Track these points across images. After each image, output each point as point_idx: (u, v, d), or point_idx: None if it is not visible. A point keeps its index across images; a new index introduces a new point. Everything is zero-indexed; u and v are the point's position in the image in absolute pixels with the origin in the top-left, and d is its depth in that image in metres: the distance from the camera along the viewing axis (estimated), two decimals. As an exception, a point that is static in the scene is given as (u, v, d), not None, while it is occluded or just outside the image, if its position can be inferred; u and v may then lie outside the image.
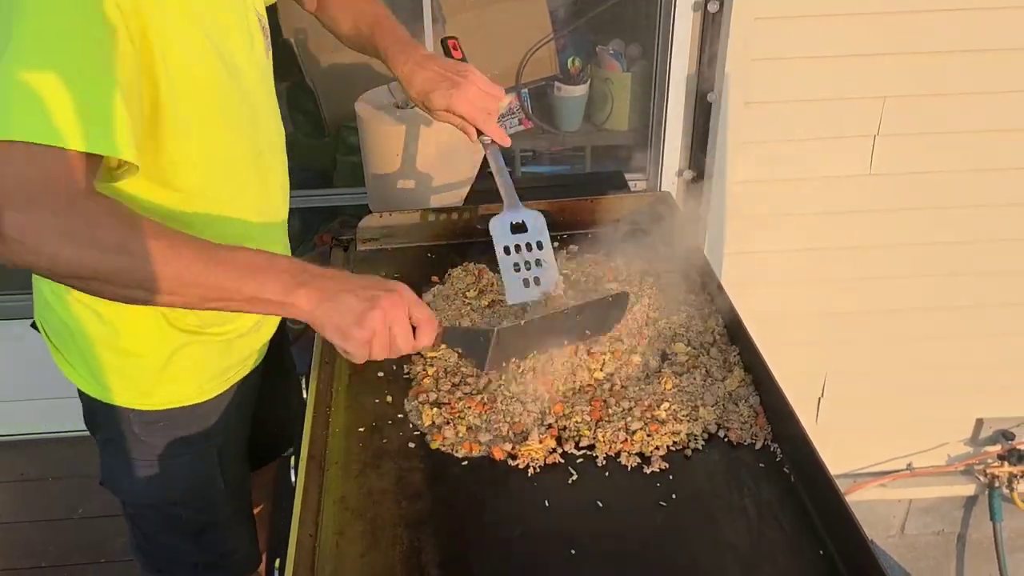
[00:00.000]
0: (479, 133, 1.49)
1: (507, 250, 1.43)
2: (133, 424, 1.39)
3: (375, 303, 1.08)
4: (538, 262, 1.44)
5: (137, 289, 1.01)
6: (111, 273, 0.99)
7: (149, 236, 0.99)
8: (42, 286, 1.36)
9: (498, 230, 1.45)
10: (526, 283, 1.42)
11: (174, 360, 1.33)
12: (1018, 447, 2.85)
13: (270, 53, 1.39)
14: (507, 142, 1.51)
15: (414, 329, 1.13)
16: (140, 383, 1.35)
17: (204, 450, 1.44)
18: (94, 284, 1.00)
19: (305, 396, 1.43)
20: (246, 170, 1.29)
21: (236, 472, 1.53)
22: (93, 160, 0.98)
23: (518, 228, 1.46)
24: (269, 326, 1.49)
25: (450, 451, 1.29)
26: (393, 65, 1.49)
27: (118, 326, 1.29)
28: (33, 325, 1.46)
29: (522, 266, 1.43)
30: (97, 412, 1.42)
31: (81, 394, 1.43)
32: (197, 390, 1.39)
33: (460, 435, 1.30)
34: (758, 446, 1.28)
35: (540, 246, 1.45)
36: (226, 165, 1.24)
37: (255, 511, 1.70)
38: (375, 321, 1.07)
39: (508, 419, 1.30)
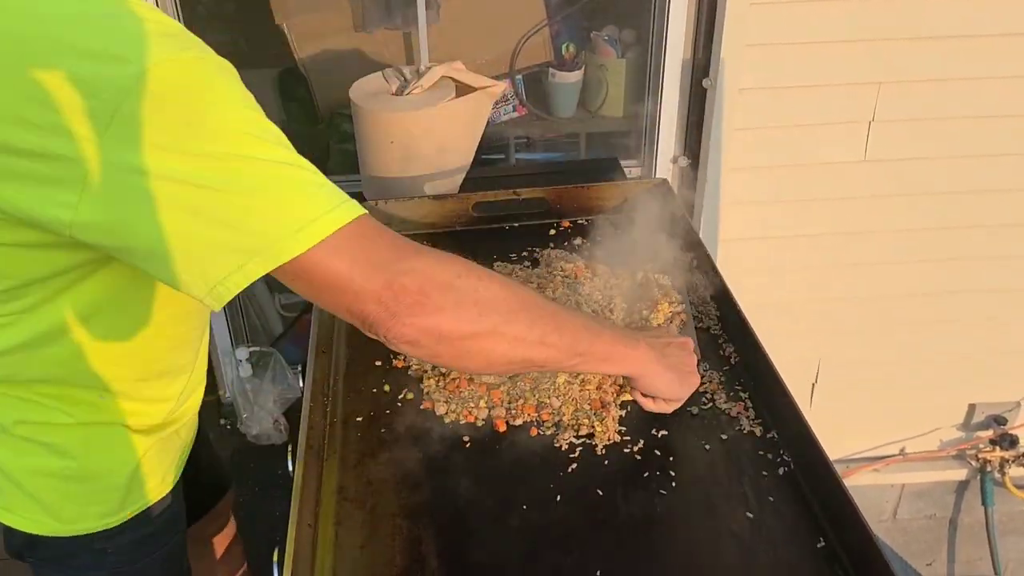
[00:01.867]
0: None
1: None
2: (94, 543, 1.22)
3: (689, 353, 1.27)
4: None
5: (522, 345, 1.00)
6: (512, 324, 0.98)
7: (530, 292, 1.04)
8: None
9: None
10: None
11: (140, 467, 1.20)
12: (1010, 432, 2.86)
13: None
14: None
15: None
16: (108, 503, 1.20)
17: (175, 538, 1.33)
18: (483, 344, 0.97)
19: (302, 392, 1.41)
20: None
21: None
22: None
23: None
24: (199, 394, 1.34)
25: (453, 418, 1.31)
26: None
27: (76, 453, 1.14)
28: None
29: None
30: (42, 543, 1.21)
31: (11, 531, 1.22)
32: (160, 485, 1.26)
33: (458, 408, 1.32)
34: (757, 433, 1.28)
35: None
36: None
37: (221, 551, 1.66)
38: (695, 372, 1.28)
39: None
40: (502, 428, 1.29)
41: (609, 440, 1.27)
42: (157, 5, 2.08)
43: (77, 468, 1.14)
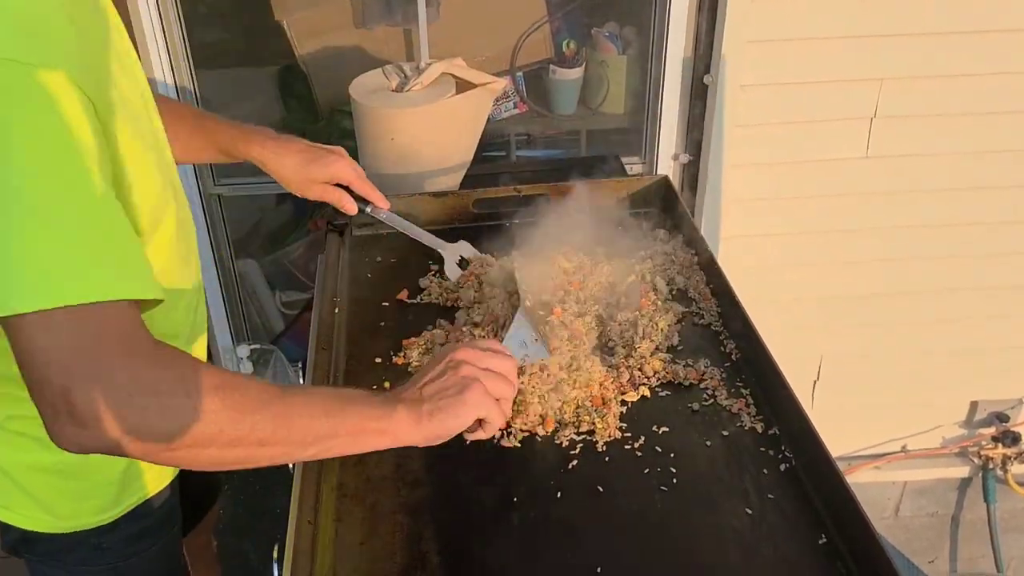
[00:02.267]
0: (361, 205, 1.55)
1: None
2: (91, 538, 1.23)
3: (455, 366, 1.04)
4: None
5: (239, 448, 0.91)
6: (218, 433, 0.88)
7: (248, 388, 0.92)
8: None
9: (455, 276, 1.60)
10: None
11: (131, 465, 1.22)
12: (1012, 429, 2.86)
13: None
14: (386, 204, 1.57)
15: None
16: (103, 498, 1.21)
17: (170, 533, 1.33)
18: (183, 453, 0.88)
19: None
20: (179, 264, 1.18)
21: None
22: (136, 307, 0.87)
23: (463, 264, 1.63)
24: None
25: None
26: (251, 149, 1.44)
27: (31, 476, 1.15)
28: None
29: None
30: (38, 539, 1.23)
31: (7, 528, 1.23)
32: (156, 480, 1.28)
33: None
34: (759, 429, 1.28)
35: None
36: (168, 250, 1.13)
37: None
38: (473, 375, 1.04)
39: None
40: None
41: (610, 437, 1.26)
42: (157, 4, 2.08)
43: (72, 463, 1.13)
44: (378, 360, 1.43)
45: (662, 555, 1.12)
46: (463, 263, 1.63)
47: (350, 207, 1.53)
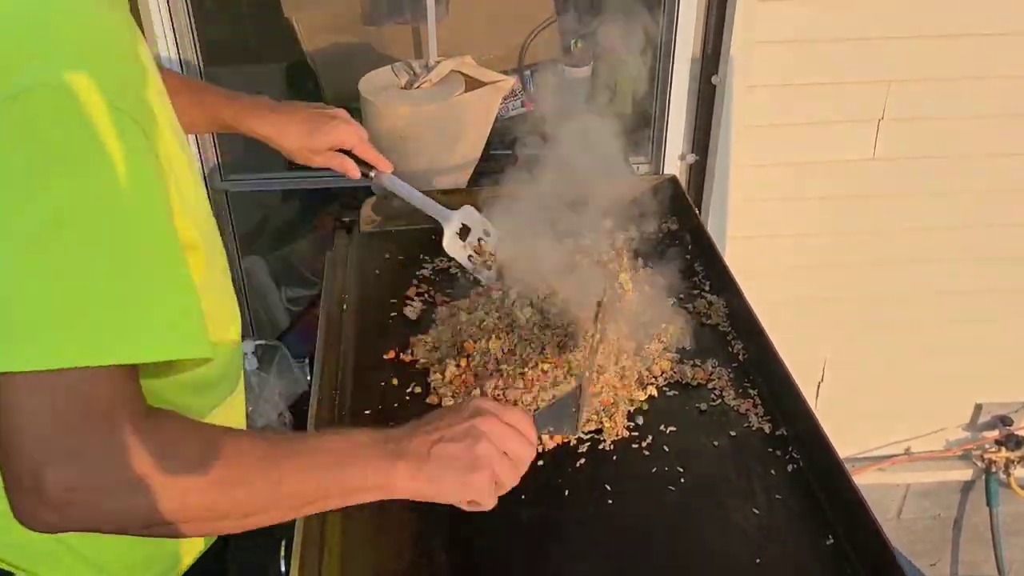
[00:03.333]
0: (364, 170, 1.52)
1: (470, 258, 1.57)
2: None
3: (475, 436, 0.92)
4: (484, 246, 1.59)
5: (224, 520, 0.84)
6: (201, 511, 0.81)
7: (237, 456, 0.83)
8: None
9: (455, 249, 1.58)
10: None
11: (148, 548, 1.10)
12: (1016, 432, 2.86)
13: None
14: (389, 166, 1.53)
15: None
16: (163, 563, 1.16)
17: None
18: (171, 528, 0.81)
19: (308, 386, 1.41)
20: (225, 288, 1.10)
21: None
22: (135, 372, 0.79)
23: (463, 235, 1.59)
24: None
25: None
26: (252, 124, 1.42)
27: (88, 539, 0.98)
28: None
29: (488, 261, 1.58)
30: None
31: None
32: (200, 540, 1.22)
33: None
34: (766, 430, 1.28)
35: (488, 233, 1.61)
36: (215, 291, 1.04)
37: None
38: (488, 456, 0.92)
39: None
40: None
41: (618, 436, 1.27)
42: (168, 3, 2.08)
43: (94, 555, 1.07)
44: (386, 357, 1.44)
45: (669, 555, 1.12)
46: (464, 232, 1.57)
47: (353, 173, 1.51)
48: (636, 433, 1.28)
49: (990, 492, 2.93)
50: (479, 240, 1.59)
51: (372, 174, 1.55)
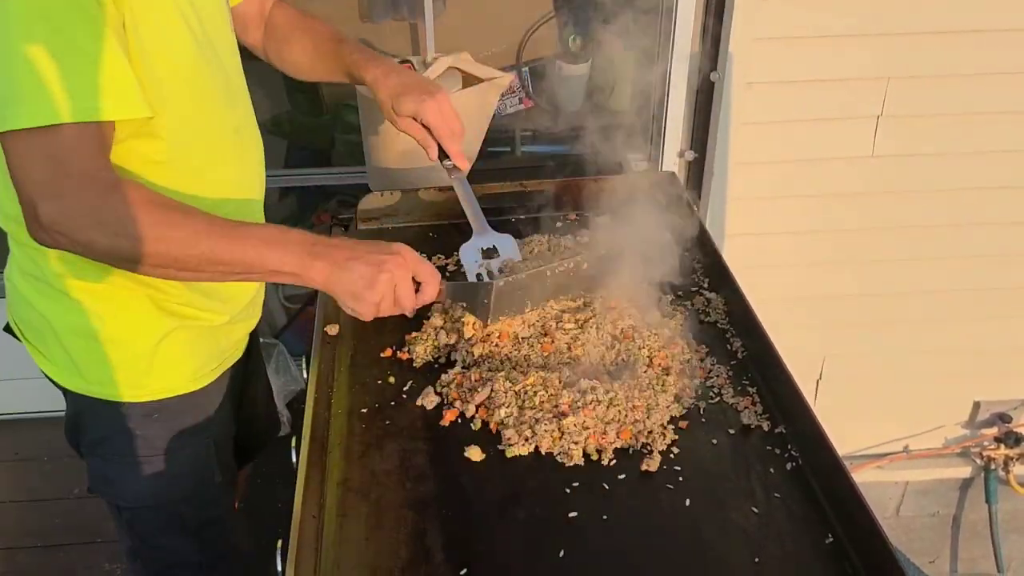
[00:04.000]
0: (442, 157, 1.49)
1: (479, 277, 1.46)
2: (127, 419, 1.33)
3: (382, 267, 1.14)
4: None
5: (168, 268, 1.09)
6: (146, 256, 1.06)
7: (180, 221, 1.08)
8: (18, 282, 1.32)
9: (469, 257, 1.48)
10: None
11: (164, 346, 1.31)
12: (1015, 430, 2.85)
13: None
14: (466, 166, 1.51)
15: (419, 286, 1.19)
16: (131, 372, 1.31)
17: (202, 442, 1.41)
18: (126, 264, 1.08)
19: (305, 384, 1.40)
20: (223, 145, 1.29)
21: (229, 465, 1.51)
22: (109, 131, 1.05)
23: (488, 253, 1.49)
24: (254, 315, 1.49)
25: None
26: (363, 71, 1.48)
27: (104, 314, 1.26)
28: (7, 329, 1.42)
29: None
30: (84, 412, 1.37)
31: (66, 395, 1.38)
32: (191, 377, 1.37)
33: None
34: (765, 428, 1.28)
35: (509, 267, 1.48)
36: (203, 138, 1.24)
37: None
38: (383, 285, 1.14)
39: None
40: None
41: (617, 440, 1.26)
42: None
43: (103, 328, 1.27)
44: (383, 355, 1.43)
45: (668, 553, 1.11)
46: (490, 254, 1.51)
47: (432, 152, 1.50)
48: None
49: (989, 489, 2.93)
50: (499, 269, 1.48)
51: (446, 164, 1.50)
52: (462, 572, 1.08)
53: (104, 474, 1.42)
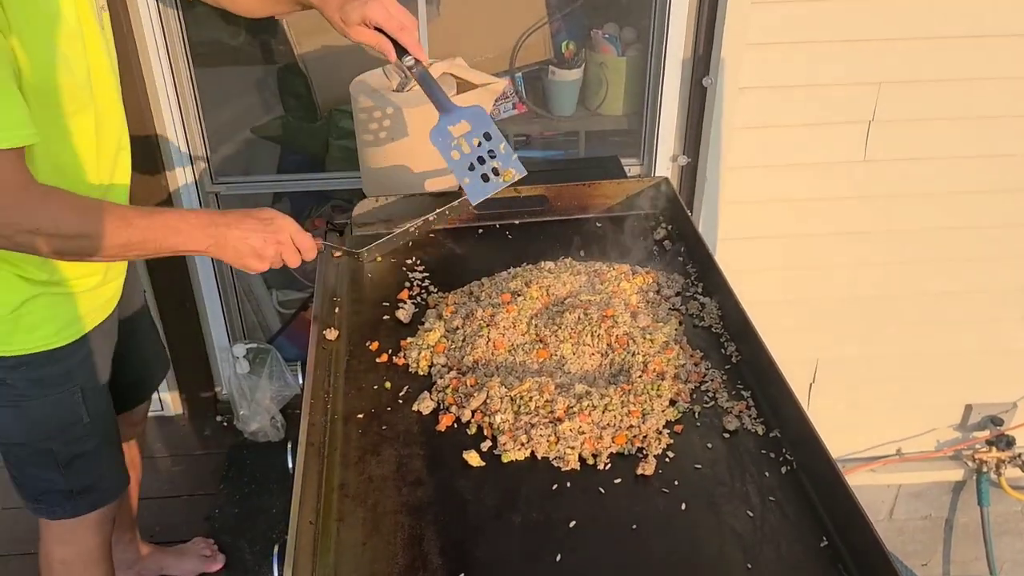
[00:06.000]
0: (400, 55, 1.47)
1: (457, 153, 1.43)
2: None
3: (268, 238, 1.35)
4: (491, 153, 1.43)
5: (93, 255, 1.26)
6: (78, 249, 1.25)
7: (104, 218, 1.24)
8: None
9: (439, 138, 1.44)
10: (485, 178, 1.43)
11: (26, 309, 1.43)
12: (1006, 433, 2.87)
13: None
14: (426, 58, 1.52)
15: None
16: None
17: (67, 390, 1.54)
18: (56, 256, 1.27)
19: (300, 389, 1.41)
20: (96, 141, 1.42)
21: (99, 407, 1.62)
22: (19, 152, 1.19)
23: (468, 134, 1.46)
24: (116, 279, 1.61)
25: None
26: None
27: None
28: None
29: (476, 163, 1.43)
30: None
31: None
32: (55, 336, 1.48)
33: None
34: (760, 432, 1.28)
35: (488, 136, 1.44)
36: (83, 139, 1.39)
37: (125, 451, 1.80)
38: (269, 252, 1.36)
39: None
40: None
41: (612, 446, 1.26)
42: (157, 2, 2.07)
43: None
44: (379, 360, 1.43)
45: (663, 557, 1.12)
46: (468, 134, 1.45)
47: (389, 53, 1.49)
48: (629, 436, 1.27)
49: (981, 492, 2.95)
50: (477, 141, 1.43)
51: (405, 60, 1.48)
52: (459, 577, 1.08)
53: None
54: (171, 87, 2.19)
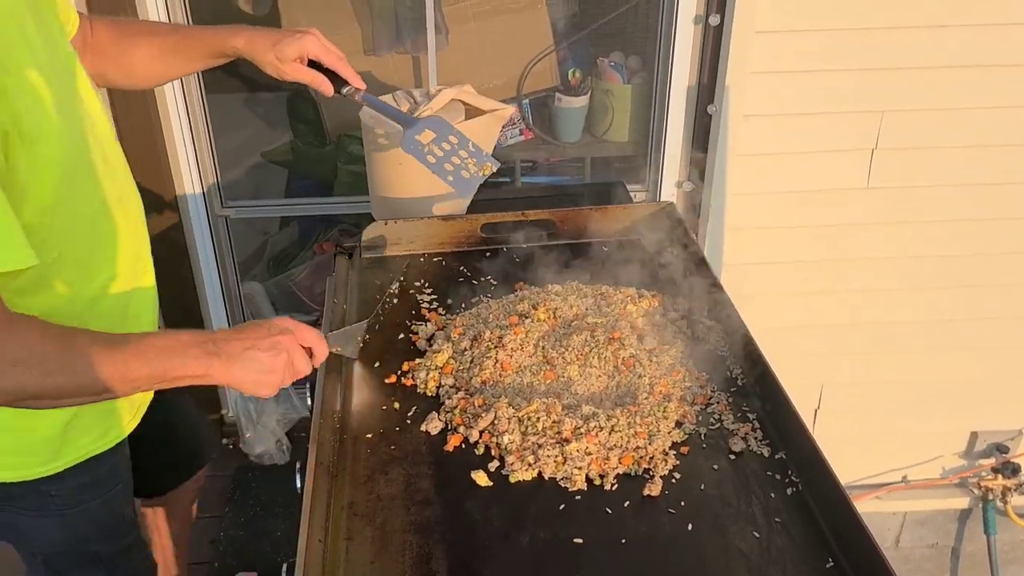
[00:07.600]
0: (339, 87, 1.51)
1: (432, 158, 1.52)
2: (39, 486, 1.35)
3: (278, 349, 1.19)
4: (462, 154, 1.54)
5: (74, 397, 1.10)
6: (50, 390, 1.06)
7: (83, 350, 1.07)
8: None
9: (411, 147, 1.53)
10: (467, 172, 1.52)
11: (72, 424, 1.33)
12: (1012, 460, 2.86)
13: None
14: (362, 84, 1.54)
15: (310, 350, 1.25)
16: (41, 454, 1.33)
17: (115, 490, 1.45)
18: (30, 402, 1.08)
19: (309, 412, 1.42)
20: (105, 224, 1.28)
21: (133, 498, 1.56)
22: None
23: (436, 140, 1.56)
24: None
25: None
26: (231, 41, 1.47)
27: (10, 409, 1.23)
28: None
29: (451, 164, 1.53)
30: None
31: None
32: (101, 439, 1.39)
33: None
34: (765, 454, 1.29)
35: (455, 139, 1.55)
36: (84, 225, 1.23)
37: (169, 534, 1.79)
38: (281, 365, 1.19)
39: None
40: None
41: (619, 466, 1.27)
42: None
43: (12, 421, 1.27)
44: (388, 381, 1.44)
45: (670, 577, 1.12)
46: (414, 145, 1.54)
47: (326, 87, 1.50)
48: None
49: (987, 520, 2.93)
50: (446, 146, 1.53)
51: (344, 91, 1.52)
52: (467, 596, 1.09)
53: (14, 524, 1.43)
54: (184, 113, 2.22)
